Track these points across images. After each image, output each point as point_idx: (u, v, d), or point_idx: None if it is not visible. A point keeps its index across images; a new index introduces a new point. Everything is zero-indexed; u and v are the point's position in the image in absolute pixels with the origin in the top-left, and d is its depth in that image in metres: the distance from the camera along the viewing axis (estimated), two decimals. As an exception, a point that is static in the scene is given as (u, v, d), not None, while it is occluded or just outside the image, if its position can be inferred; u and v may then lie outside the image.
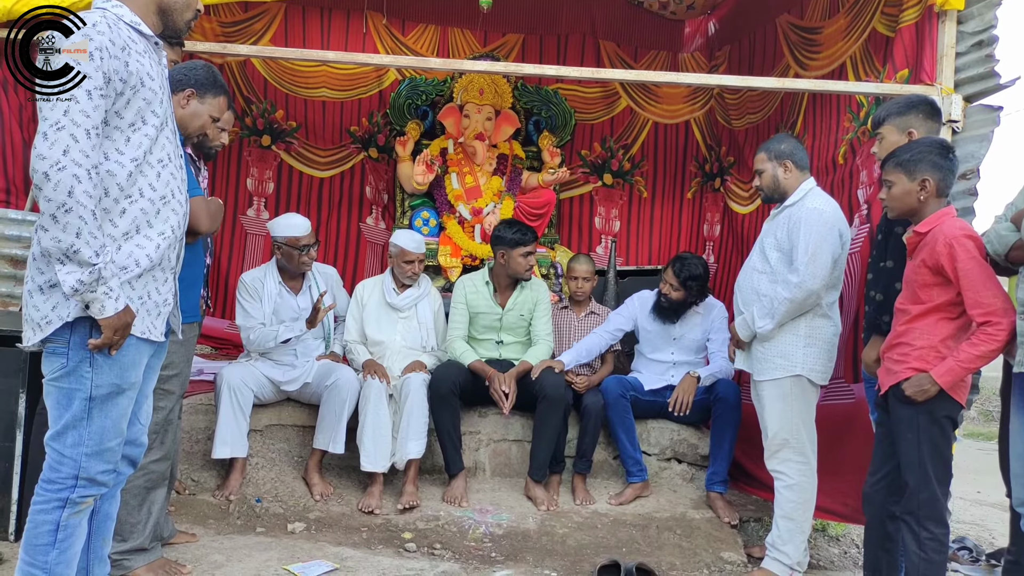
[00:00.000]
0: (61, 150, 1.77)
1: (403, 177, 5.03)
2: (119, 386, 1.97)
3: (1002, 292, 2.45)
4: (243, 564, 2.86)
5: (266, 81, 5.55)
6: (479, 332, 4.08)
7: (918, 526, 2.51)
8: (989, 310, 2.40)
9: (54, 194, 1.77)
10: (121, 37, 1.89)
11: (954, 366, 2.45)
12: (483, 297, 4.04)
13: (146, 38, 2.00)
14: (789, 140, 3.18)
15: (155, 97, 1.98)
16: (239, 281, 3.85)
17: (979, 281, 2.42)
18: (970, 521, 5.03)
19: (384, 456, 3.60)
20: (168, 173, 2.02)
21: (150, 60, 1.99)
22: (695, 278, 3.90)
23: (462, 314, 4.03)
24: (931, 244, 2.49)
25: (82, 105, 1.80)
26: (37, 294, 1.92)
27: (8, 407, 2.88)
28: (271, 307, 3.77)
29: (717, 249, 5.91)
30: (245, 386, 3.59)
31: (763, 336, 3.07)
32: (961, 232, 2.47)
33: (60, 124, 1.79)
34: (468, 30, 5.76)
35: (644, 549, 3.33)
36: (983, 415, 9.87)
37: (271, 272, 3.83)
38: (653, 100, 5.97)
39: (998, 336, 2.40)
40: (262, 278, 3.82)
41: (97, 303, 1.86)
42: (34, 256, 1.94)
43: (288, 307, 3.81)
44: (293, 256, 3.73)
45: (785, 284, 2.97)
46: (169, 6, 2.05)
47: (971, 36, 3.40)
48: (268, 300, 3.77)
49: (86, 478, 1.96)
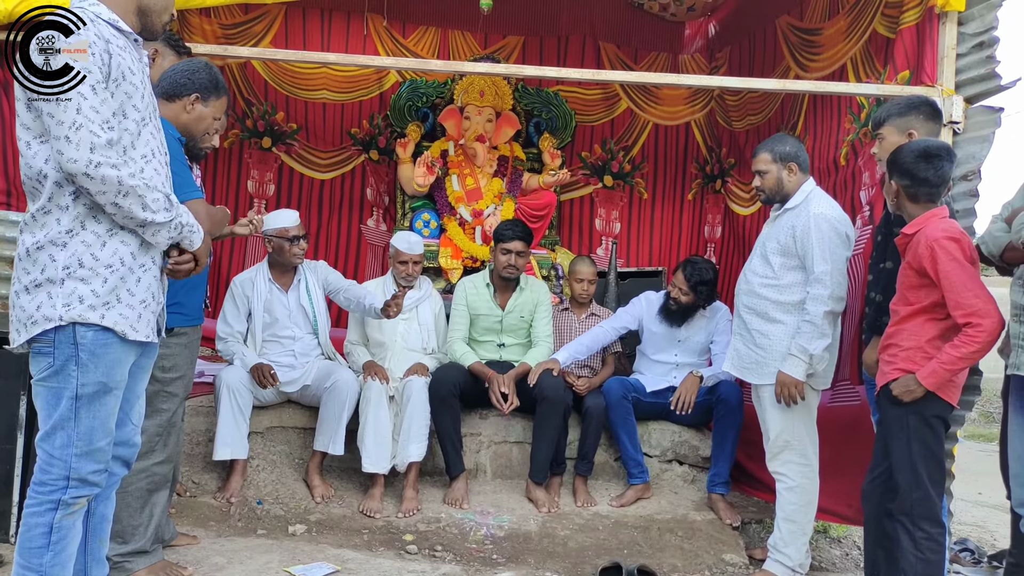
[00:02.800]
0: (88, 148, 1.82)
1: (404, 179, 5.03)
2: (105, 384, 1.97)
3: (984, 293, 2.45)
4: (244, 566, 2.85)
5: (267, 83, 5.55)
6: (480, 334, 4.07)
7: (913, 526, 2.51)
8: (970, 311, 2.41)
9: (105, 188, 1.86)
10: (103, 33, 1.90)
11: (937, 367, 2.46)
12: (483, 299, 4.03)
13: (125, 35, 2.01)
14: (791, 140, 3.15)
15: (136, 92, 1.98)
16: (231, 283, 3.89)
17: (959, 283, 2.43)
18: (971, 523, 5.02)
19: (385, 457, 3.60)
20: (152, 169, 2.02)
21: (130, 56, 2.00)
22: (705, 283, 3.88)
23: (463, 316, 4.03)
24: (915, 246, 2.51)
25: (91, 101, 1.84)
26: (23, 294, 1.93)
27: (9, 409, 2.88)
28: (262, 306, 3.80)
29: (718, 251, 5.91)
30: (244, 387, 3.59)
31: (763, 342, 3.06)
32: (943, 234, 2.47)
33: (78, 124, 1.82)
34: (468, 32, 5.76)
35: (645, 551, 3.32)
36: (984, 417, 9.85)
37: (262, 271, 3.86)
38: (653, 102, 5.97)
39: (978, 337, 2.41)
40: (253, 278, 3.84)
41: (186, 241, 2.08)
42: (19, 256, 1.94)
43: (279, 304, 3.83)
44: (284, 248, 3.76)
45: (816, 299, 2.91)
46: (149, 7, 2.07)
47: (972, 37, 3.39)
48: (258, 299, 3.79)
49: (77, 479, 1.96)
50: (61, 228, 1.91)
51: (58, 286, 1.90)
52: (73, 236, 1.91)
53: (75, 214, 1.92)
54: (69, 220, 1.91)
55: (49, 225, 1.91)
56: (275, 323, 3.82)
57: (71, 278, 1.91)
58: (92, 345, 1.93)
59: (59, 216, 1.91)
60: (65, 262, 1.91)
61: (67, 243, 1.91)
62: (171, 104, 2.52)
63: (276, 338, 3.85)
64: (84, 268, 1.92)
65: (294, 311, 3.84)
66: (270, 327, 3.83)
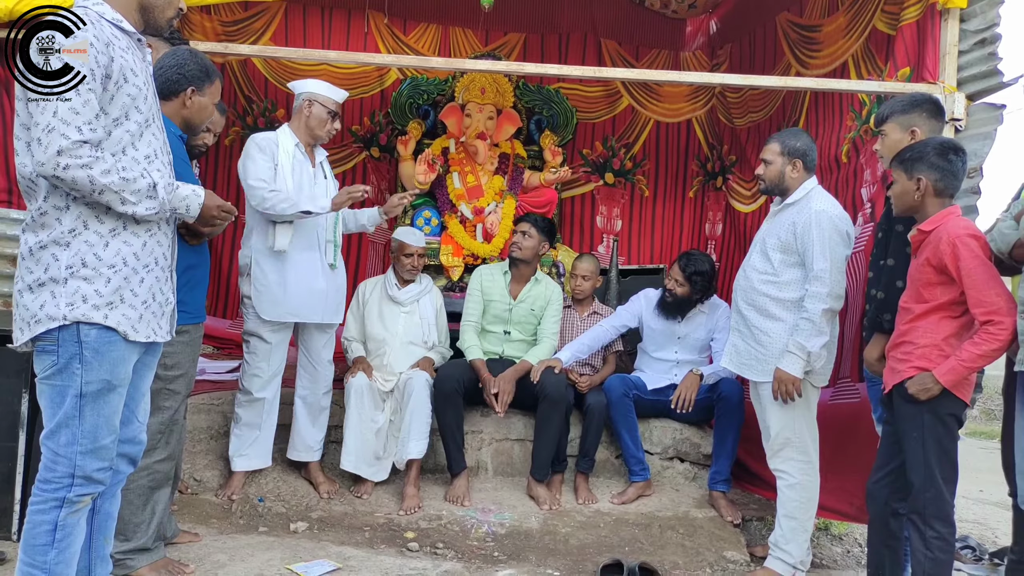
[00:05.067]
0: (56, 151, 1.81)
1: (405, 176, 5.02)
2: (109, 382, 1.97)
3: (1005, 291, 2.45)
4: (246, 564, 2.86)
5: (267, 80, 5.55)
6: (488, 323, 4.09)
7: (924, 525, 2.50)
8: (992, 309, 2.40)
9: (78, 188, 1.87)
10: (104, 33, 1.90)
11: (956, 365, 2.45)
12: (498, 286, 4.07)
13: (128, 35, 2.00)
14: (804, 138, 3.12)
15: (139, 93, 1.98)
16: (249, 140, 3.45)
17: (982, 280, 2.42)
18: (973, 520, 5.02)
19: (365, 458, 3.65)
20: (155, 169, 2.03)
21: (133, 56, 1.99)
22: (700, 273, 3.90)
23: (477, 302, 4.06)
24: (935, 243, 2.49)
25: (72, 103, 1.83)
26: (27, 293, 1.93)
27: (10, 407, 2.88)
28: (289, 164, 3.40)
29: (719, 248, 5.90)
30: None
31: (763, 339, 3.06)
32: (965, 231, 2.47)
33: (51, 127, 1.81)
34: (469, 29, 5.76)
35: (647, 548, 3.32)
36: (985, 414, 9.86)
37: (285, 134, 3.48)
38: (655, 99, 5.97)
39: (1000, 335, 2.40)
40: (275, 140, 3.43)
41: (182, 212, 2.10)
42: (22, 256, 1.95)
43: (306, 176, 3.49)
44: (324, 120, 3.47)
45: (815, 296, 2.91)
46: (150, 4, 2.06)
47: (974, 34, 3.39)
48: (287, 157, 3.41)
49: (82, 476, 1.97)
50: (63, 227, 1.91)
51: (61, 285, 1.91)
52: (76, 236, 1.92)
53: (77, 213, 1.92)
54: (71, 219, 1.92)
55: (51, 224, 1.92)
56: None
57: (74, 277, 1.91)
58: (96, 343, 1.94)
59: (60, 215, 1.91)
60: (68, 261, 1.91)
61: (70, 242, 1.91)
62: (169, 102, 2.52)
63: None
64: (87, 268, 1.92)
65: (318, 187, 3.58)
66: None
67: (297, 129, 3.50)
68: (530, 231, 4.01)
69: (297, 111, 3.52)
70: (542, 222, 4.10)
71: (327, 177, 3.62)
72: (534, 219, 4.11)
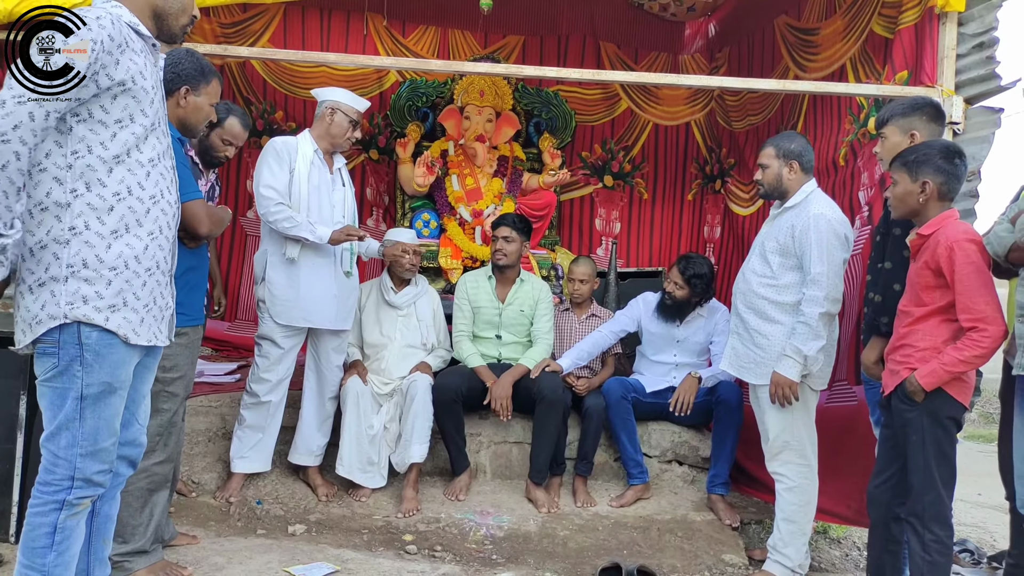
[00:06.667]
0: (12, 124, 1.78)
1: (404, 179, 5.03)
2: (110, 384, 1.97)
3: (994, 300, 2.45)
4: (244, 566, 2.85)
5: (265, 82, 5.56)
6: (480, 329, 4.07)
7: (923, 528, 2.50)
8: (978, 316, 2.41)
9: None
10: (121, 34, 1.90)
11: (937, 368, 2.46)
12: (484, 291, 4.05)
13: (144, 39, 2.01)
14: (799, 140, 3.13)
15: (146, 96, 1.98)
16: (268, 143, 3.47)
17: (973, 287, 2.43)
18: (971, 523, 5.03)
19: (358, 464, 3.63)
20: (158, 173, 2.03)
21: (145, 59, 1.99)
22: (699, 276, 3.90)
23: (466, 312, 4.04)
24: (933, 247, 2.50)
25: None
26: (28, 294, 1.93)
27: (9, 408, 2.87)
28: (307, 170, 3.40)
29: (718, 251, 5.91)
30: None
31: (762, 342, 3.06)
32: (964, 236, 2.47)
33: (22, 97, 1.79)
34: (468, 32, 5.77)
35: (645, 551, 3.32)
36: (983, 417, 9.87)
37: (305, 139, 3.50)
38: (653, 102, 5.98)
39: (983, 343, 2.41)
40: (295, 145, 3.44)
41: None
42: (23, 257, 1.94)
43: (324, 182, 3.50)
44: (345, 128, 3.51)
45: (812, 300, 2.91)
46: (164, 11, 2.06)
47: (972, 38, 3.40)
48: (304, 162, 3.41)
49: (82, 479, 1.96)
50: (63, 225, 1.91)
51: (62, 284, 1.90)
52: (76, 234, 1.91)
53: (78, 211, 1.91)
54: (71, 217, 1.91)
55: (50, 223, 1.91)
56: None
57: (75, 277, 1.91)
58: (97, 345, 1.93)
59: (59, 213, 1.91)
60: (69, 260, 1.90)
61: (70, 240, 1.91)
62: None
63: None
64: (88, 269, 1.92)
65: (336, 194, 3.64)
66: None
67: (318, 136, 3.52)
68: (511, 235, 3.98)
69: (319, 118, 3.54)
70: (519, 222, 4.08)
71: (345, 184, 3.64)
72: (511, 220, 4.07)
